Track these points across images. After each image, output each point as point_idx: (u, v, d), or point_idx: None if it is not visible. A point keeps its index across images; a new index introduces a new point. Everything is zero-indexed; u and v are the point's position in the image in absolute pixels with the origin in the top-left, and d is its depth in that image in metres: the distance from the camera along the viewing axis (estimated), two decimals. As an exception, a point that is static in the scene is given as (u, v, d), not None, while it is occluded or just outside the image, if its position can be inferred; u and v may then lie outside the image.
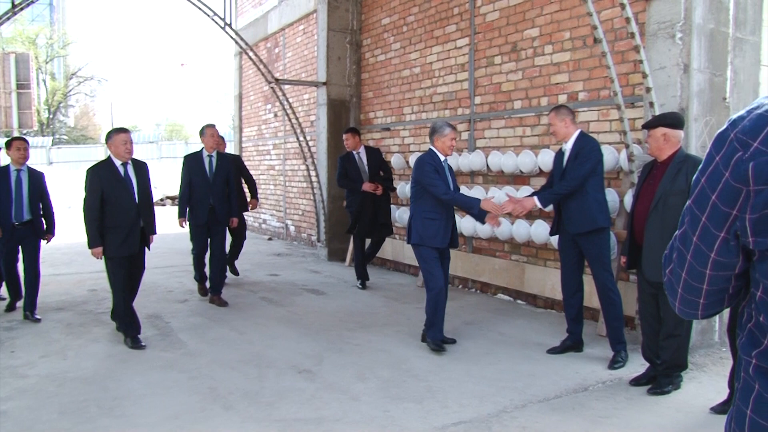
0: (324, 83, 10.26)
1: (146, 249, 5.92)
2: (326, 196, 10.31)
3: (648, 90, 5.03)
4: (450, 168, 5.69)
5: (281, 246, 12.52)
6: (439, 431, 3.95)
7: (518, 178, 7.09)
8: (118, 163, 5.64)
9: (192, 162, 7.26)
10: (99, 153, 32.41)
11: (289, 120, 10.53)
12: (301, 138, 10.49)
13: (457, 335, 5.96)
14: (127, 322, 5.71)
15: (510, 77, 7.23)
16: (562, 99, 6.50)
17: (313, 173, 10.69)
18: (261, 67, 10.20)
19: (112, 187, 5.56)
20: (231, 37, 9.98)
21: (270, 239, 13.57)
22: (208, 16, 9.39)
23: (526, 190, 6.71)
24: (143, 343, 5.62)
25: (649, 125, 4.45)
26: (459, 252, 8.05)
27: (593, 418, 4.11)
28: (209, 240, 7.28)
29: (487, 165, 7.33)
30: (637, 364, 4.95)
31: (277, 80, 10.25)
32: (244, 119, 15.62)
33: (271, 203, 13.93)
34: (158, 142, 41.31)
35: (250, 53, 10.33)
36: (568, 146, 5.13)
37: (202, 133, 7.31)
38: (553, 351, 5.38)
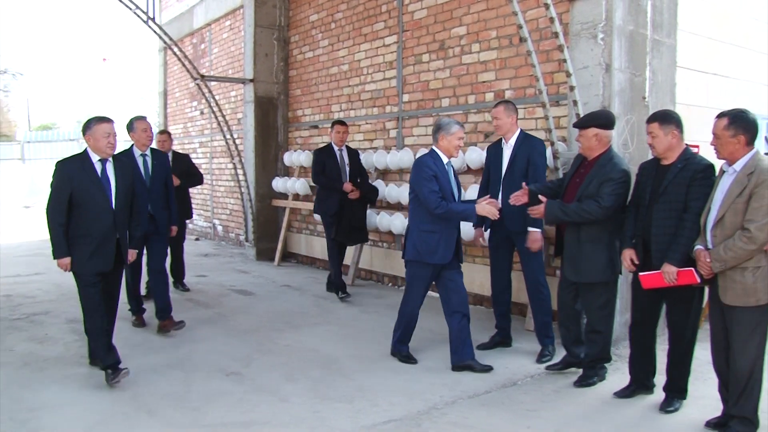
0: (251, 80, 10.09)
1: (122, 266, 4.95)
2: (254, 195, 10.14)
3: (572, 89, 5.13)
4: (454, 171, 5.11)
5: (208, 246, 12.26)
6: (369, 430, 3.93)
7: (446, 176, 7.12)
8: (95, 158, 4.69)
9: None
10: (13, 151, 30.87)
11: (216, 118, 10.31)
12: (228, 136, 10.28)
13: (386, 333, 5.91)
14: (103, 350, 4.66)
15: (438, 75, 7.26)
16: (489, 97, 6.58)
17: (240, 172, 10.50)
18: (186, 63, 9.94)
19: (85, 187, 4.59)
20: (154, 31, 9.68)
21: (197, 239, 13.27)
22: (130, 9, 9.08)
23: (454, 188, 6.75)
24: (121, 376, 4.61)
25: (581, 125, 4.52)
26: (390, 251, 8.05)
27: (521, 412, 4.17)
28: (147, 254, 6.10)
29: (416, 163, 7.33)
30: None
31: (202, 77, 10.01)
32: (169, 117, 15.22)
33: (197, 203, 13.61)
34: (79, 139, 39.75)
35: (175, 49, 10.06)
36: (510, 143, 5.19)
37: (130, 127, 6.07)
38: (482, 347, 5.42)
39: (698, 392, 4.33)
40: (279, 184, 10.00)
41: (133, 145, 5.50)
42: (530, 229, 5.02)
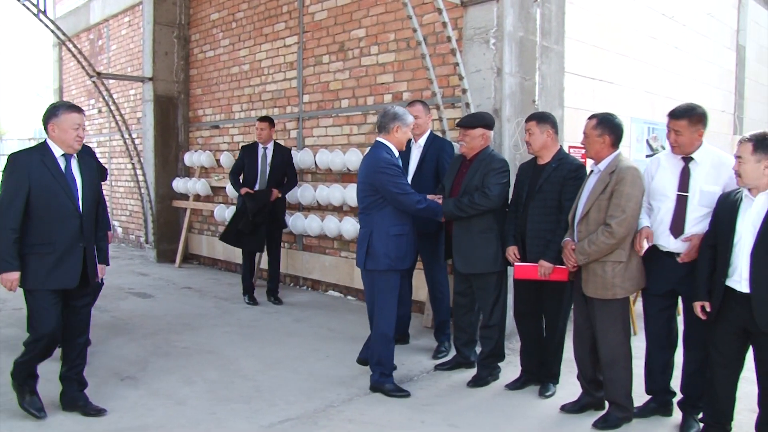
0: (150, 79, 9.84)
1: (89, 283, 4.10)
2: (154, 196, 9.90)
3: (464, 91, 5.30)
4: None
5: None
6: (265, 430, 3.93)
7: (346, 176, 7.20)
8: (58, 152, 3.94)
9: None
10: None
11: (113, 117, 9.99)
12: (127, 136, 9.99)
13: (287, 333, 5.98)
14: (21, 383, 4.03)
15: (338, 76, 7.32)
16: (388, 99, 6.69)
17: (139, 172, 10.23)
18: (81, 60, 9.59)
19: (46, 185, 3.84)
20: (46, 26, 9.27)
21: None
22: (19, 1, 8.67)
23: (353, 188, 6.83)
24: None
25: (470, 125, 4.65)
26: (290, 250, 8.05)
27: (417, 407, 4.28)
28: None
29: (316, 163, 7.38)
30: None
31: (98, 74, 9.68)
32: (64, 115, 14.58)
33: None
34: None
35: (69, 44, 9.68)
36: (419, 144, 5.31)
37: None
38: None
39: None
40: (180, 184, 9.81)
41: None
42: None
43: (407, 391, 4.46)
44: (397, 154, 4.46)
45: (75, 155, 4.02)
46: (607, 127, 3.93)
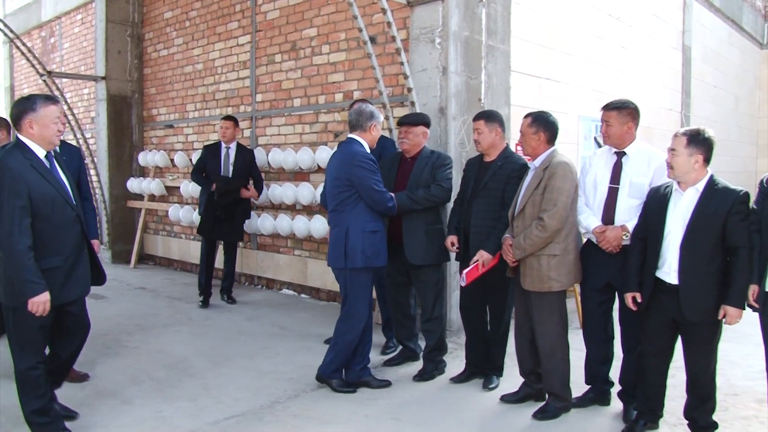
0: (103, 78, 9.73)
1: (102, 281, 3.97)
2: (108, 196, 9.79)
3: (409, 90, 5.38)
4: None
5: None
6: (211, 426, 3.96)
7: (298, 175, 7.24)
8: (41, 153, 3.56)
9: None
10: None
11: (66, 116, 9.85)
12: (80, 135, 9.87)
13: (238, 331, 6.01)
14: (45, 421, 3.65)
15: (290, 75, 7.35)
16: (339, 97, 6.74)
17: (93, 172, 10.10)
18: (31, 58, 9.45)
19: (43, 192, 3.47)
20: (-6, 23, 9.12)
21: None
22: (-35, -1, 8.52)
23: (305, 187, 6.89)
24: None
25: (415, 122, 4.76)
26: (244, 249, 8.06)
27: (361, 401, 4.34)
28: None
29: (269, 162, 7.40)
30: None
31: (49, 73, 9.55)
32: (16, 114, 14.31)
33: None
34: None
35: (18, 42, 9.53)
36: None
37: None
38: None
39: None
40: (134, 184, 9.73)
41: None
42: None
43: (353, 389, 4.48)
44: (368, 151, 4.41)
45: (52, 152, 3.71)
46: (542, 124, 4.05)
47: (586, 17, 7.77)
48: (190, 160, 8.73)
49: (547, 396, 4.15)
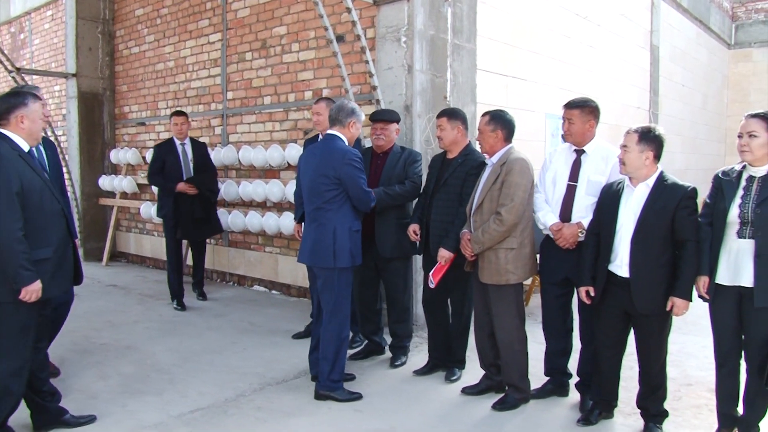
0: (74, 75, 9.68)
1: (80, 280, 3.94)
2: (80, 194, 9.74)
3: (374, 88, 5.46)
4: None
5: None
6: (175, 420, 4.01)
7: (269, 172, 7.29)
8: (25, 146, 3.57)
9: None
10: None
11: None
12: (51, 133, 9.79)
13: (207, 327, 6.05)
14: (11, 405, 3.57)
15: (260, 73, 7.39)
16: (308, 95, 6.80)
17: (65, 170, 10.04)
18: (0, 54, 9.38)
19: (32, 183, 3.47)
20: (-40, 19, 9.06)
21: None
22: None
23: (275, 184, 6.94)
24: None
25: (389, 119, 4.90)
26: (216, 246, 8.09)
27: (326, 394, 4.42)
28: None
29: (239, 159, 7.44)
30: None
31: (18, 69, 9.49)
32: (-13, 111, 14.17)
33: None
34: None
35: (-14, 39, 9.49)
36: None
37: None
38: (297, 336, 5.65)
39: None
40: (106, 182, 9.70)
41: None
42: None
43: (359, 394, 4.33)
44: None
45: (42, 146, 3.94)
46: (500, 122, 4.15)
47: (554, 16, 7.90)
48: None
49: (506, 387, 4.25)
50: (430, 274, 4.40)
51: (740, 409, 3.56)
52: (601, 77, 9.12)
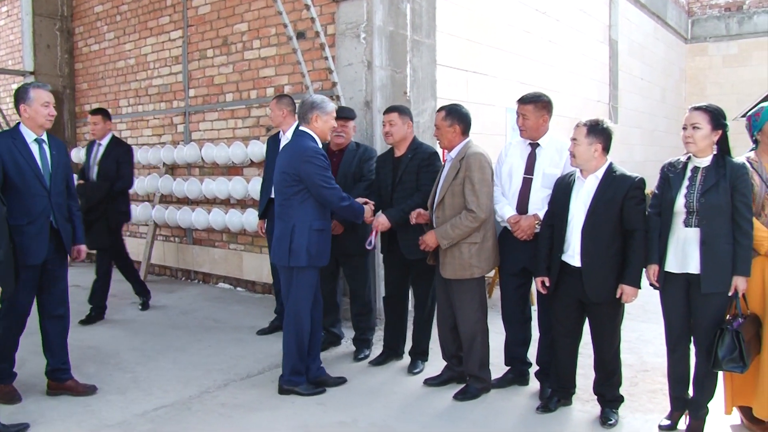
0: (32, 73, 9.52)
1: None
2: (40, 194, 9.60)
3: (334, 84, 5.50)
4: None
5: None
6: (138, 418, 4.01)
7: (231, 169, 7.28)
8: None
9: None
10: None
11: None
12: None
13: (171, 326, 6.04)
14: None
15: (222, 70, 7.37)
16: (270, 92, 6.80)
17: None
18: (-47, 53, 9.22)
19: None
20: None
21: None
22: None
23: (238, 182, 6.94)
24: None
25: (350, 116, 4.99)
26: (180, 245, 8.06)
27: (290, 388, 4.45)
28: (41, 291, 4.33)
29: (202, 157, 7.41)
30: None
31: (-27, 68, 9.33)
32: (-57, 111, 13.90)
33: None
34: None
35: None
36: (287, 135, 5.45)
37: (24, 98, 4.08)
38: (262, 332, 5.68)
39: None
40: (67, 181, 9.56)
41: (20, 124, 4.14)
42: None
43: (323, 389, 4.35)
44: (320, 144, 4.25)
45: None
46: (457, 117, 4.21)
47: (513, 12, 8.01)
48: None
49: (468, 378, 4.33)
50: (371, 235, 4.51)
51: (691, 392, 3.68)
52: (561, 71, 9.26)
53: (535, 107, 4.17)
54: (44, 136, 4.18)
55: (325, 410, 4.08)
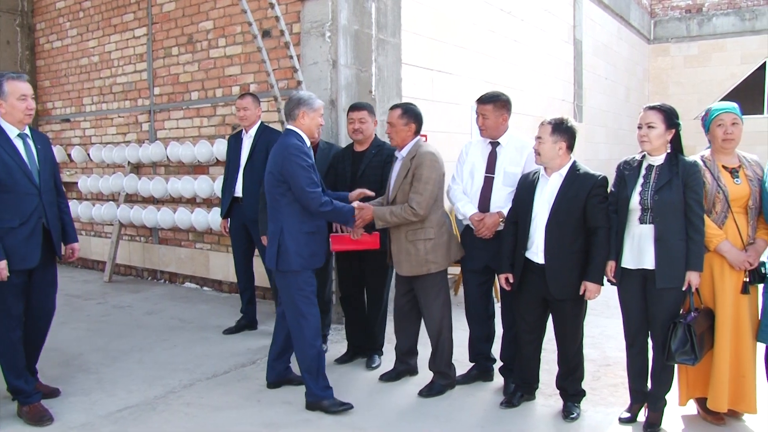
0: (-8, 70, 9.37)
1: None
2: (1, 193, 9.44)
3: (299, 83, 5.50)
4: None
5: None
6: (102, 419, 3.98)
7: (197, 168, 7.24)
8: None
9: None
10: None
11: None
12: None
13: (137, 326, 6.00)
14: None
15: (187, 68, 7.31)
16: (236, 90, 6.77)
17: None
18: None
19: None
20: None
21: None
22: None
23: (204, 180, 6.90)
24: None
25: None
26: (145, 244, 7.99)
27: (255, 387, 4.45)
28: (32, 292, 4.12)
29: (168, 156, 7.35)
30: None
31: (-70, 65, 9.12)
32: None
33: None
34: None
35: None
36: (250, 134, 5.50)
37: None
38: (228, 331, 5.66)
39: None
40: (29, 180, 9.40)
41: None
42: None
43: (350, 404, 4.04)
44: (309, 143, 4.05)
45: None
46: (413, 116, 4.26)
47: (478, 11, 8.08)
48: (88, 155, 8.55)
49: (433, 374, 4.37)
50: (333, 236, 4.42)
51: (650, 385, 3.77)
52: (526, 71, 9.36)
53: (495, 106, 4.21)
54: (27, 131, 3.96)
55: (291, 408, 4.09)
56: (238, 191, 5.50)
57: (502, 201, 4.16)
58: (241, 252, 5.67)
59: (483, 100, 4.25)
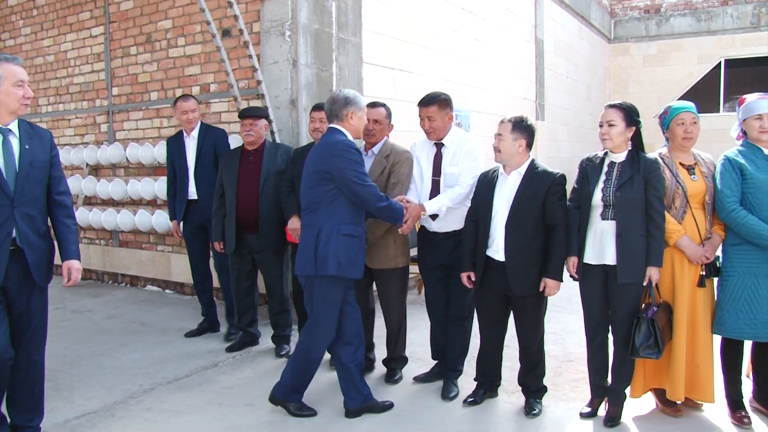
0: (-58, 69, 9.09)
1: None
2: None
3: (258, 83, 5.47)
4: None
5: None
6: (59, 427, 3.91)
7: (157, 170, 7.13)
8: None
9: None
10: None
11: None
12: None
13: (96, 330, 5.89)
14: None
15: (146, 68, 7.21)
16: (196, 90, 6.68)
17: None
18: None
19: None
20: None
21: None
22: None
23: (164, 182, 6.76)
24: None
25: (258, 115, 4.99)
26: (105, 247, 7.86)
27: (217, 390, 4.40)
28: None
29: (127, 157, 7.23)
30: (267, 338, 5.34)
31: None
32: None
33: None
34: None
35: None
36: (192, 135, 5.46)
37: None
38: (190, 334, 5.59)
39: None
40: (-16, 183, 9.18)
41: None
42: None
43: (313, 410, 3.95)
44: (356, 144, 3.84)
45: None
46: (390, 116, 4.35)
47: (440, 10, 8.10)
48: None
49: (391, 362, 4.48)
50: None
51: (610, 380, 3.81)
52: (488, 69, 9.42)
53: (439, 106, 4.13)
54: (13, 126, 3.29)
55: (254, 411, 4.05)
56: (193, 194, 5.44)
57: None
58: (197, 254, 5.62)
59: (425, 102, 4.15)
